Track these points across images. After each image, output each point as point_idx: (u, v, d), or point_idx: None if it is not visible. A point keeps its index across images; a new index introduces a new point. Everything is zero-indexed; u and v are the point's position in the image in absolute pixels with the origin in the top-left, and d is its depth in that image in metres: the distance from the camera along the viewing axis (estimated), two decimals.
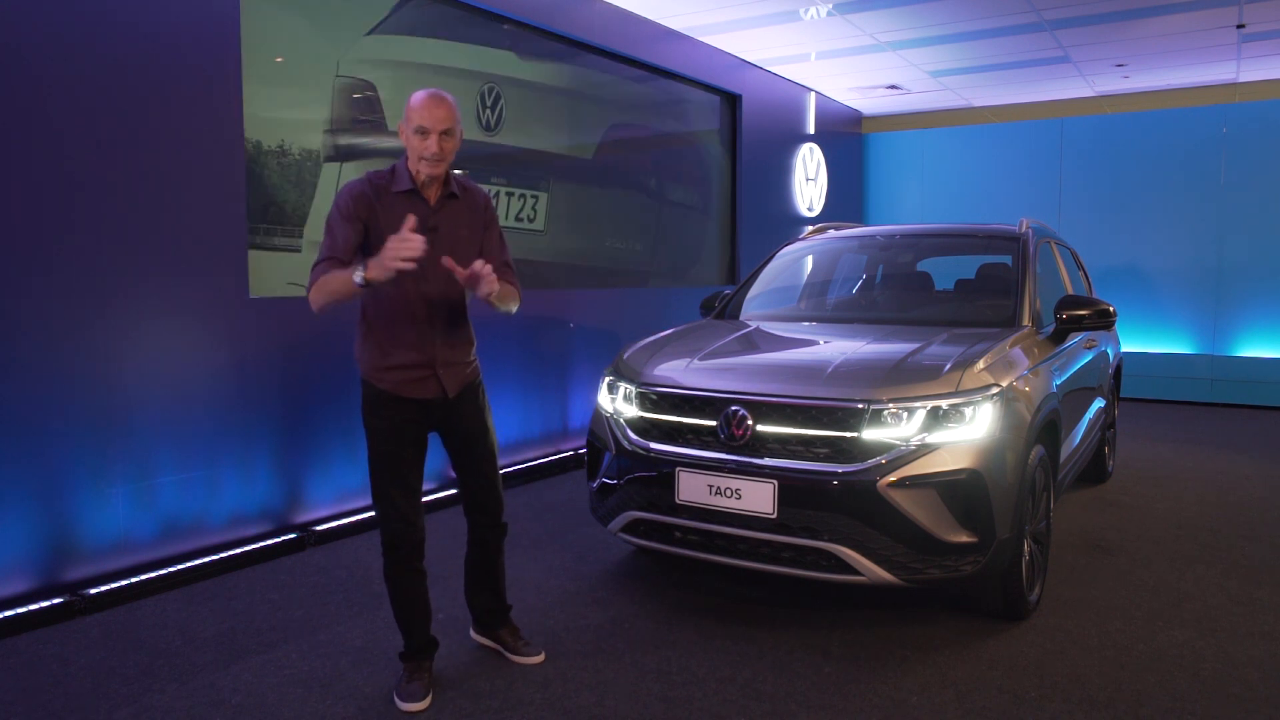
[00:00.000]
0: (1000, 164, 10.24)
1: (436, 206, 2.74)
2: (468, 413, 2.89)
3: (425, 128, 2.62)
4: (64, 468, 3.57)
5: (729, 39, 7.78)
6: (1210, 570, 4.11)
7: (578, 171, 6.57)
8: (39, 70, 3.43)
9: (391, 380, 2.74)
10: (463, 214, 2.81)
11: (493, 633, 3.16)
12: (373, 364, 2.75)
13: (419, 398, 2.77)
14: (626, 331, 6.57)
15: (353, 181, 2.70)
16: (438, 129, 2.63)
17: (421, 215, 2.64)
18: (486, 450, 2.97)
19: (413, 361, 2.74)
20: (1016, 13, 6.95)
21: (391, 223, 2.59)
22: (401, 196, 2.69)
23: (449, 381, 2.80)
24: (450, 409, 2.85)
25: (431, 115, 2.62)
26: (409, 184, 2.70)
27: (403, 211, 2.60)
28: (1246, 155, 8.99)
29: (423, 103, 2.64)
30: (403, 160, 2.74)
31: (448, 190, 2.77)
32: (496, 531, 3.08)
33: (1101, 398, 5.31)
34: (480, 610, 3.17)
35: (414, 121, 2.62)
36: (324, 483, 4.63)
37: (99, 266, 3.64)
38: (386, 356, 2.73)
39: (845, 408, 3.20)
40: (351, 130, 4.86)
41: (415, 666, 2.88)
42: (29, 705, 2.82)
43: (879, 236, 5.14)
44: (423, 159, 2.65)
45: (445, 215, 2.76)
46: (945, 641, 3.32)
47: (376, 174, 2.72)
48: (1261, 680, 3.02)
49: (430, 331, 2.76)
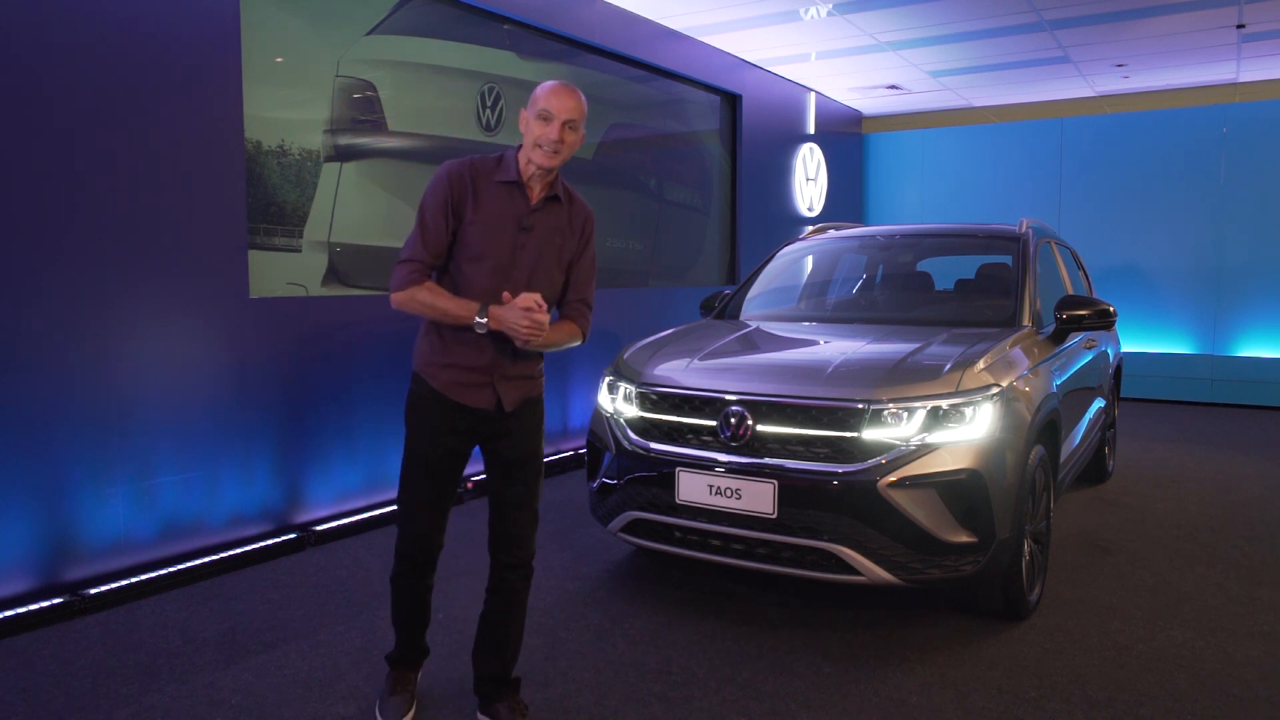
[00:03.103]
0: (1000, 164, 10.24)
1: (537, 206, 2.50)
2: (521, 432, 2.58)
3: (550, 113, 2.40)
4: (64, 468, 3.57)
5: (729, 39, 7.78)
6: (1210, 570, 4.11)
7: (578, 171, 6.57)
8: (39, 70, 3.43)
9: (445, 379, 2.50)
10: (562, 221, 2.56)
11: (491, 708, 2.66)
12: (429, 358, 2.52)
13: (471, 405, 2.50)
14: (626, 332, 6.57)
15: (452, 162, 2.47)
16: (563, 117, 2.41)
17: (520, 211, 2.48)
18: (533, 476, 2.62)
19: (473, 364, 2.48)
20: (1016, 13, 6.95)
21: (486, 209, 2.42)
22: (502, 187, 2.47)
23: (507, 395, 2.52)
24: (503, 424, 2.55)
25: (560, 102, 2.41)
26: (514, 175, 2.47)
27: (501, 203, 2.45)
28: (1246, 155, 8.98)
29: (552, 88, 2.43)
30: (514, 150, 2.52)
31: (552, 192, 2.53)
32: (522, 574, 2.64)
33: (1101, 398, 5.31)
34: (481, 679, 2.70)
35: (539, 105, 2.41)
36: (324, 483, 4.63)
37: (99, 266, 3.64)
38: (447, 352, 2.49)
39: (845, 408, 3.20)
40: (351, 130, 4.86)
41: (401, 676, 2.77)
42: (29, 705, 2.82)
43: (879, 236, 5.14)
44: (539, 146, 2.41)
45: (543, 217, 2.52)
46: (945, 641, 3.32)
47: (483, 158, 2.50)
48: (1261, 680, 3.02)
49: (500, 336, 2.47)
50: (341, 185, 4.81)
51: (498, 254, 2.46)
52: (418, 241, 2.44)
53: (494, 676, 2.68)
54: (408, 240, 2.47)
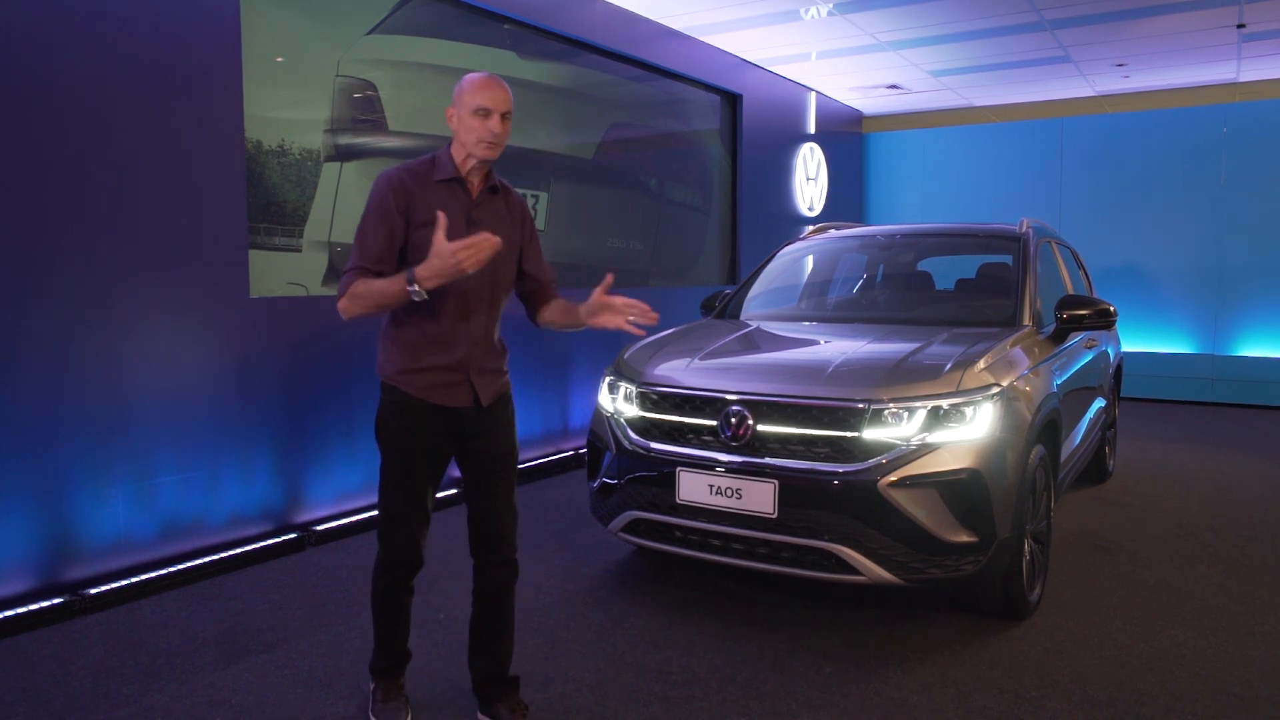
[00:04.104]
0: (1000, 164, 10.24)
1: (479, 199, 2.54)
2: (498, 427, 2.62)
3: (488, 108, 2.42)
4: (64, 468, 3.57)
5: (729, 39, 7.78)
6: (1211, 570, 4.11)
7: (578, 171, 6.57)
8: (39, 70, 3.43)
9: (421, 384, 2.49)
10: (503, 212, 2.61)
11: (492, 709, 2.67)
12: (401, 366, 2.51)
13: (449, 405, 2.52)
14: (627, 331, 6.56)
15: (389, 171, 2.49)
16: (500, 109, 2.44)
17: (464, 206, 2.50)
18: (512, 472, 2.66)
19: (445, 364, 2.50)
20: (1016, 13, 6.95)
21: (431, 212, 2.42)
22: (442, 185, 2.49)
23: (483, 389, 2.55)
24: (480, 421, 2.58)
25: (494, 95, 2.44)
26: (452, 172, 2.49)
27: (444, 200, 2.46)
28: (1246, 155, 8.98)
29: (483, 82, 2.45)
30: (445, 148, 2.53)
31: (490, 183, 2.57)
32: (507, 572, 2.66)
33: (1102, 397, 5.31)
34: (480, 682, 2.71)
35: (473, 102, 2.43)
36: (324, 483, 4.63)
37: (99, 266, 3.64)
38: (418, 358, 2.49)
39: (846, 407, 3.20)
40: (352, 130, 4.86)
41: (390, 684, 2.73)
42: (29, 705, 2.82)
43: (879, 236, 5.14)
44: (482, 141, 2.44)
45: (487, 210, 2.56)
46: (946, 641, 3.31)
47: (415, 162, 2.53)
48: (1261, 679, 3.02)
49: (467, 332, 2.52)
50: (342, 185, 4.81)
51: None
52: (356, 251, 2.45)
53: (492, 677, 2.69)
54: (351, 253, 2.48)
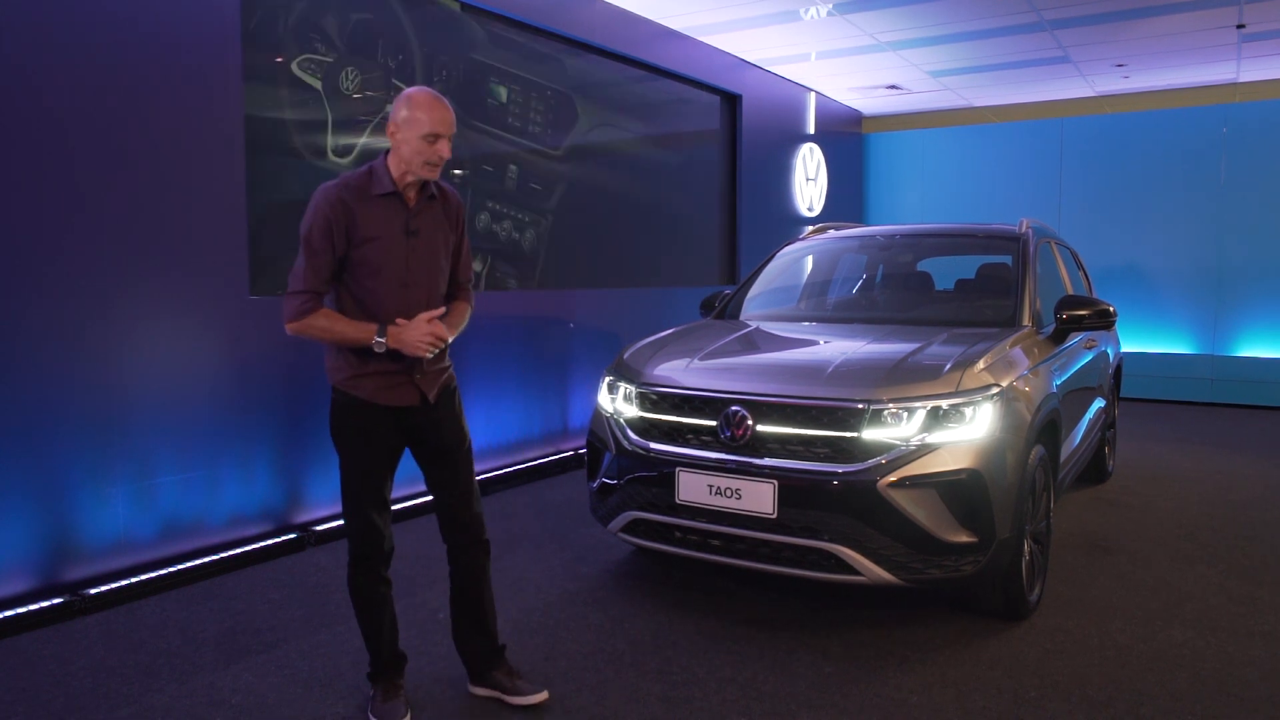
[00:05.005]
0: (1000, 164, 10.24)
1: (416, 210, 2.63)
2: (446, 419, 2.75)
3: (438, 133, 2.53)
4: (64, 468, 3.57)
5: (729, 39, 7.78)
6: (1210, 570, 4.11)
7: (577, 171, 6.57)
8: (39, 70, 3.43)
9: (369, 387, 2.61)
10: (440, 216, 2.71)
11: (487, 678, 2.86)
12: (348, 372, 2.62)
13: (397, 405, 2.65)
14: (626, 331, 6.57)
15: (326, 187, 2.54)
16: (448, 133, 2.55)
17: (402, 219, 2.60)
18: (465, 458, 2.80)
19: (391, 368, 2.61)
20: (1016, 13, 6.95)
21: (372, 227, 2.53)
22: (380, 199, 2.57)
23: (428, 387, 2.68)
24: (428, 416, 2.71)
25: (444, 120, 2.54)
26: (390, 186, 2.57)
27: (382, 215, 2.55)
28: (1246, 155, 8.98)
29: (431, 105, 2.53)
30: (381, 160, 2.60)
31: (427, 192, 2.67)
32: (479, 550, 2.82)
33: (1101, 398, 5.31)
34: (470, 655, 2.88)
35: (423, 127, 2.51)
36: (324, 483, 4.63)
37: (99, 266, 3.64)
38: (364, 364, 2.60)
39: (845, 408, 3.20)
40: (352, 130, 4.86)
41: (388, 685, 2.76)
42: (29, 705, 2.83)
43: (879, 236, 5.14)
44: (428, 163, 2.55)
45: (425, 219, 2.66)
46: (945, 641, 3.32)
47: (351, 176, 2.59)
48: (1261, 680, 3.02)
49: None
50: None
51: (393, 263, 2.59)
52: (306, 271, 2.52)
53: (483, 650, 2.86)
54: (295, 271, 2.55)
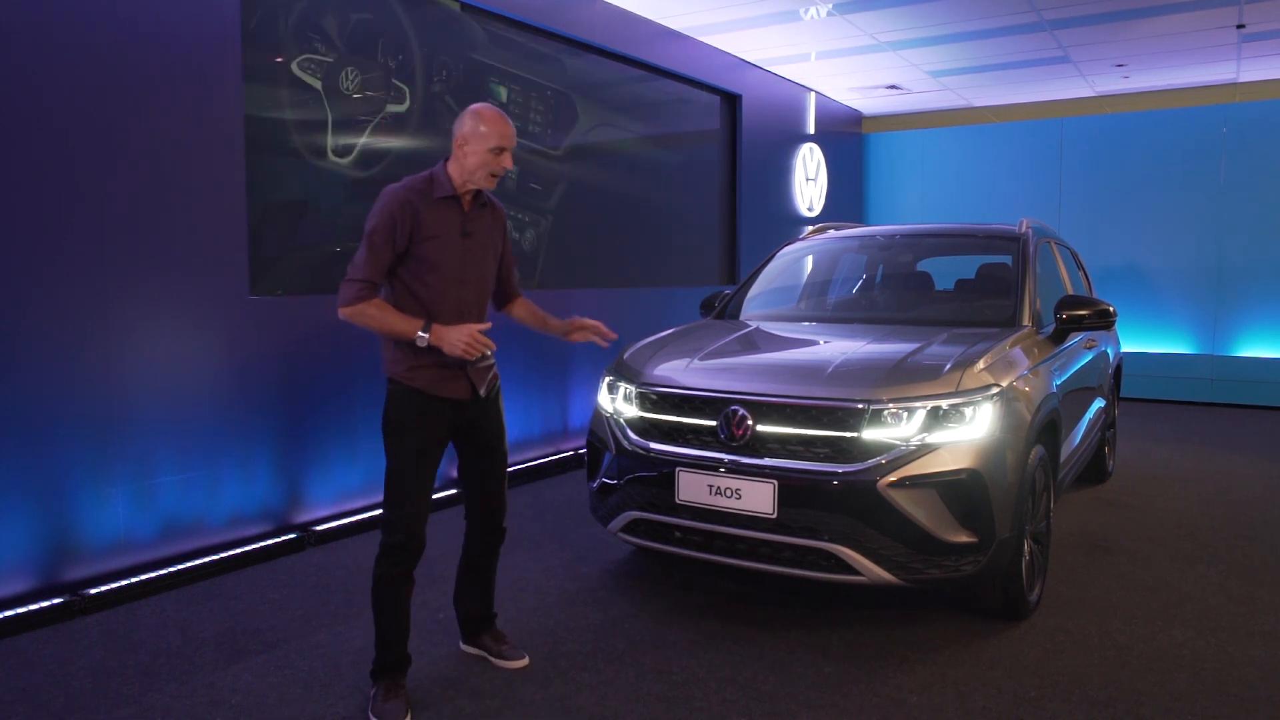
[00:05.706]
0: (1000, 164, 10.24)
1: (471, 214, 2.85)
2: (492, 415, 3.01)
3: (504, 147, 2.77)
4: (64, 468, 3.57)
5: (729, 39, 7.78)
6: (1210, 570, 4.11)
7: (577, 171, 6.57)
8: (39, 70, 3.43)
9: (426, 379, 2.79)
10: (489, 222, 2.94)
11: (477, 639, 3.20)
12: (407, 363, 2.78)
13: (451, 397, 2.83)
14: (626, 331, 6.53)
15: (394, 189, 2.76)
16: (512, 145, 2.80)
17: (459, 222, 2.82)
18: (503, 454, 3.08)
19: (444, 361, 2.78)
20: (1016, 13, 6.95)
21: (433, 227, 2.74)
22: (441, 202, 2.78)
23: (479, 381, 2.89)
24: (478, 410, 2.93)
25: (510, 134, 2.78)
26: (450, 190, 2.79)
27: (443, 216, 2.77)
28: (1246, 155, 8.98)
29: (499, 120, 2.76)
30: (441, 167, 2.82)
31: (480, 200, 2.89)
32: (498, 536, 3.14)
33: (1101, 398, 5.31)
34: (466, 617, 3.21)
35: (492, 140, 2.74)
36: (324, 483, 4.63)
37: (99, 266, 3.64)
38: (418, 355, 2.77)
39: (845, 408, 3.20)
40: (352, 130, 4.86)
41: (391, 683, 2.79)
42: (29, 705, 2.83)
43: (879, 236, 5.14)
44: (492, 175, 2.79)
45: (478, 223, 2.88)
46: (945, 641, 3.32)
47: (414, 180, 2.80)
48: (1261, 680, 3.02)
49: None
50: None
51: (450, 262, 2.79)
52: (368, 262, 2.70)
53: (477, 615, 3.20)
54: (356, 260, 2.72)
